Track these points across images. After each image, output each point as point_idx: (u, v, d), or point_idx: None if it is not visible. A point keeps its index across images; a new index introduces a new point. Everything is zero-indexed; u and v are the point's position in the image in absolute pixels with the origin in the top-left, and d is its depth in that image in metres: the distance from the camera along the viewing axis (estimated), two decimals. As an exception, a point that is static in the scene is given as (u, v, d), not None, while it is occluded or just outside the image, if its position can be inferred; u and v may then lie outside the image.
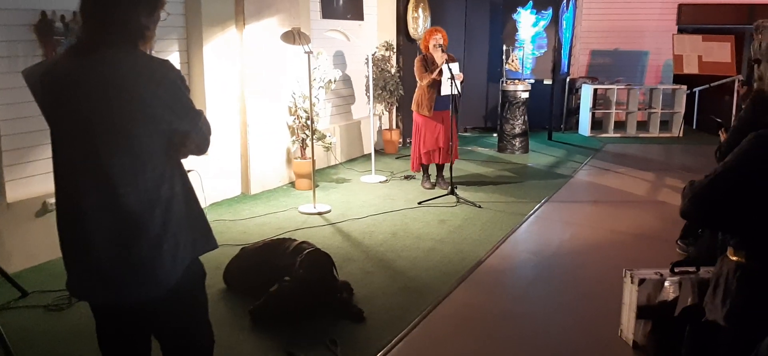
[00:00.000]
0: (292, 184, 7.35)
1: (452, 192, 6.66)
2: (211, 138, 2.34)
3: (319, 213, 6.24)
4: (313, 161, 6.59)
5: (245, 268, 4.43)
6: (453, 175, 6.82)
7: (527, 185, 7.45)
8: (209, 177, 6.33)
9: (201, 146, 2.29)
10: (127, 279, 2.15)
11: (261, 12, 6.83)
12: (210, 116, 6.38)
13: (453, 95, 6.54)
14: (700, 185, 2.07)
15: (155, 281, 2.17)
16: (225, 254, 4.79)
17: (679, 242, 5.25)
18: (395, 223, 5.94)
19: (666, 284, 3.64)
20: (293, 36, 6.27)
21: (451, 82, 6.42)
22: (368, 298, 4.29)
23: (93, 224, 2.11)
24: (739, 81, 10.58)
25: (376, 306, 4.17)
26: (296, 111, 7.19)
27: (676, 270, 3.66)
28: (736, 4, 11.62)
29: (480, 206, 6.43)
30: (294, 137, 7.26)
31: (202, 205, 2.42)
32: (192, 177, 5.98)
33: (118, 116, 2.06)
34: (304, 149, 7.20)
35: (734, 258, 2.08)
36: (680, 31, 11.91)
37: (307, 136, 7.03)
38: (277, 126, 7.23)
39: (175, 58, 6.27)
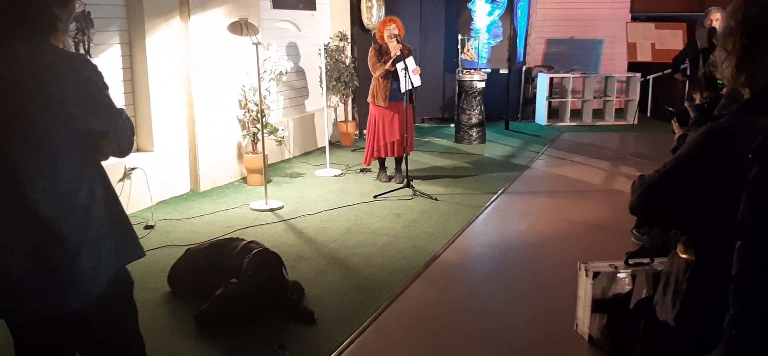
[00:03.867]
0: (244, 179, 7.14)
1: (408, 185, 6.54)
2: (133, 138, 2.17)
3: (271, 210, 6.05)
4: (265, 156, 6.39)
5: (190, 270, 4.23)
6: (409, 167, 6.70)
7: (484, 177, 7.37)
8: (156, 174, 6.08)
9: (122, 147, 2.12)
10: (44, 291, 1.97)
11: (207, 2, 6.58)
12: (155, 111, 6.15)
13: (407, 85, 6.41)
14: (649, 179, 1.97)
15: (76, 292, 2.00)
16: (171, 256, 4.59)
17: (634, 231, 5.23)
18: (350, 218, 5.79)
19: (620, 276, 3.58)
20: (240, 26, 6.05)
21: (406, 74, 6.30)
22: (320, 298, 4.14)
23: (3, 232, 1.92)
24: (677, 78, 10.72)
25: (327, 307, 4.02)
26: (246, 104, 6.97)
27: (631, 261, 3.60)
28: (687, -8, 11.75)
29: (436, 199, 6.32)
30: (245, 131, 7.04)
31: (149, 203, 2.28)
32: (137, 175, 5.72)
33: (27, 115, 1.88)
34: (256, 143, 6.99)
35: (684, 256, 1.99)
36: (633, 19, 12.00)
37: (259, 130, 6.82)
38: (227, 120, 7.00)
39: (115, 52, 5.99)
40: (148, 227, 5.53)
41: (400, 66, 6.34)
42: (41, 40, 1.94)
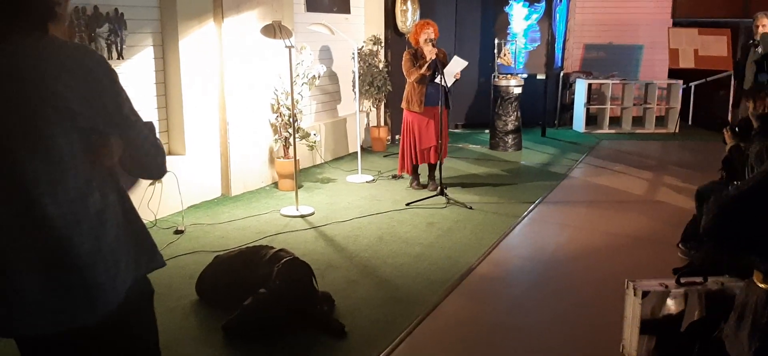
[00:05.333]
0: (275, 184, 7.04)
1: (442, 193, 6.37)
2: (163, 161, 1.99)
3: (302, 216, 5.93)
4: (296, 161, 6.28)
5: (219, 278, 4.12)
6: (443, 174, 6.52)
7: (520, 185, 7.16)
8: (187, 178, 6.01)
9: (145, 164, 1.95)
10: (57, 305, 1.82)
11: (240, 4, 6.50)
12: (187, 113, 6.08)
13: (444, 89, 6.24)
14: (726, 198, 1.76)
15: (92, 305, 1.85)
16: (200, 262, 4.49)
17: (680, 245, 4.99)
18: (381, 226, 5.64)
19: (671, 296, 3.36)
20: (274, 29, 5.95)
21: (442, 78, 6.14)
22: (351, 310, 3.99)
23: (9, 243, 1.79)
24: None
25: (359, 319, 3.87)
26: (278, 108, 6.87)
27: (682, 280, 3.38)
28: (732, -3, 11.36)
29: (471, 208, 6.13)
30: (276, 136, 6.94)
31: (180, 208, 2.11)
32: (168, 179, 5.65)
33: (28, 115, 1.72)
34: (287, 148, 6.89)
35: (764, 286, 1.78)
36: (675, 24, 11.65)
37: (290, 134, 6.71)
38: (259, 124, 6.91)
39: (148, 54, 5.94)
40: (178, 232, 5.45)
41: (452, 69, 6.20)
42: (42, 32, 1.79)
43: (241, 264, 4.11)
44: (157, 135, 2.03)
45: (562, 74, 11.16)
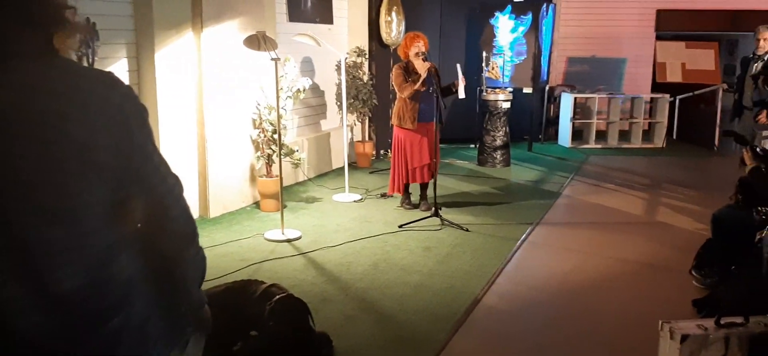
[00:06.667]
0: (257, 205, 6.62)
1: (436, 214, 6.02)
2: (193, 233, 1.62)
3: (288, 240, 5.53)
4: (281, 180, 5.88)
5: (203, 318, 3.69)
6: (436, 194, 6.18)
7: (515, 205, 6.85)
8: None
9: (171, 232, 1.54)
10: None
11: (221, 14, 6.10)
12: (163, 129, 5.65)
13: (438, 106, 5.92)
14: None
15: None
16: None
17: (693, 273, 4.70)
18: (375, 252, 5.27)
19: (709, 341, 3.05)
20: (258, 41, 5.56)
21: (437, 96, 5.84)
22: (351, 353, 3.61)
23: (17, 323, 1.35)
24: (722, 89, 10.23)
25: (361, 363, 3.50)
26: (261, 124, 6.47)
27: (722, 321, 3.07)
28: (718, 10, 11.27)
29: (467, 230, 5.80)
30: (259, 153, 6.54)
31: None
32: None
33: (39, 165, 1.29)
34: (271, 165, 6.48)
35: None
36: (659, 37, 11.53)
37: (274, 151, 6.32)
38: (240, 140, 6.50)
39: (122, 66, 5.50)
40: (154, 259, 5.01)
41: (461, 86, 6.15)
42: (52, 53, 1.36)
43: (228, 302, 3.69)
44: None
45: (547, 88, 10.95)
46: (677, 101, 10.91)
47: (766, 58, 6.67)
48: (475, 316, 4.12)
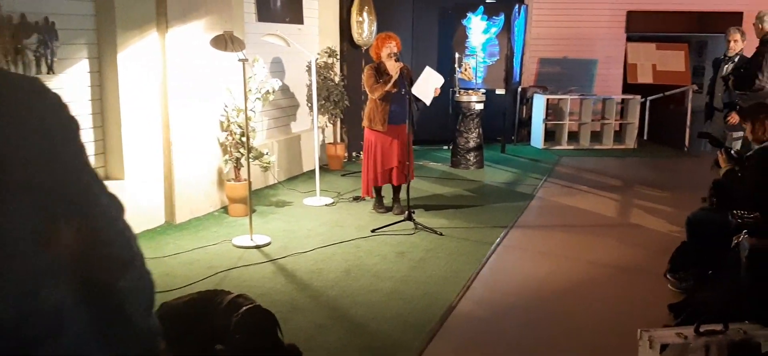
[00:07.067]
0: (225, 209, 6.44)
1: (410, 218, 5.91)
2: (142, 280, 1.41)
3: (257, 246, 5.37)
4: (250, 185, 5.71)
5: (167, 332, 3.52)
6: (409, 197, 6.07)
7: (489, 207, 6.77)
8: (126, 205, 5.36)
9: (109, 266, 1.36)
10: None
11: (187, 13, 5.91)
12: (126, 133, 5.46)
13: (410, 109, 5.82)
14: None
15: None
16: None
17: (668, 276, 4.65)
18: (347, 257, 5.14)
19: (690, 350, 2.98)
20: (225, 41, 5.40)
21: (409, 99, 5.73)
22: (322, 364, 3.48)
23: None
24: (692, 90, 10.31)
25: (332, 376, 3.36)
26: (229, 126, 6.29)
27: (702, 329, 3.01)
28: (686, 12, 11.36)
29: (441, 234, 5.70)
30: (227, 156, 6.36)
31: None
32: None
33: None
34: (239, 169, 6.31)
35: None
36: (629, 39, 11.59)
37: (242, 154, 6.15)
38: (207, 144, 6.31)
39: (83, 68, 5.29)
40: (117, 267, 4.81)
41: (430, 84, 5.86)
42: None
43: (192, 315, 3.54)
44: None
45: (519, 89, 10.92)
46: (648, 102, 10.97)
47: (736, 60, 6.68)
48: (450, 324, 4.01)
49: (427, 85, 5.99)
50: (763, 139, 4.19)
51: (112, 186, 1.33)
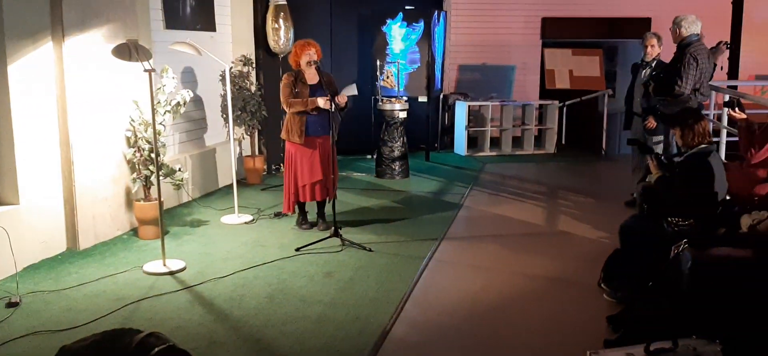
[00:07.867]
0: (135, 232, 5.93)
1: (336, 234, 5.61)
2: None
3: (171, 273, 4.93)
4: (161, 204, 5.25)
5: (65, 382, 3.09)
6: (335, 212, 5.78)
7: (417, 219, 6.57)
8: (21, 233, 4.84)
9: None
10: None
11: (85, 21, 5.40)
12: (20, 153, 4.94)
13: (329, 117, 5.54)
14: None
15: None
16: (42, 349, 3.45)
17: (602, 285, 4.56)
18: (271, 281, 4.78)
19: (641, 367, 2.84)
20: (129, 50, 4.94)
21: (334, 108, 5.47)
22: (247, 408, 3.13)
23: None
24: (607, 95, 10.51)
25: (258, 420, 3.03)
26: (136, 142, 5.81)
27: (651, 348, 2.87)
28: (597, 18, 11.61)
29: (370, 250, 5.44)
30: (135, 174, 5.86)
31: (13, 271, 1.14)
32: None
33: None
34: (149, 188, 5.83)
35: None
36: (545, 45, 11.74)
37: (152, 172, 5.68)
38: (113, 161, 5.80)
39: (-36, 80, 4.70)
40: (12, 304, 4.28)
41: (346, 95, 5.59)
42: None
43: (96, 360, 3.11)
44: None
45: (441, 96, 10.84)
46: (565, 107, 11.13)
47: (654, 65, 6.77)
48: (384, 351, 3.74)
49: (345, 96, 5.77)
50: (692, 144, 4.17)
51: (4, 213, 1.02)
